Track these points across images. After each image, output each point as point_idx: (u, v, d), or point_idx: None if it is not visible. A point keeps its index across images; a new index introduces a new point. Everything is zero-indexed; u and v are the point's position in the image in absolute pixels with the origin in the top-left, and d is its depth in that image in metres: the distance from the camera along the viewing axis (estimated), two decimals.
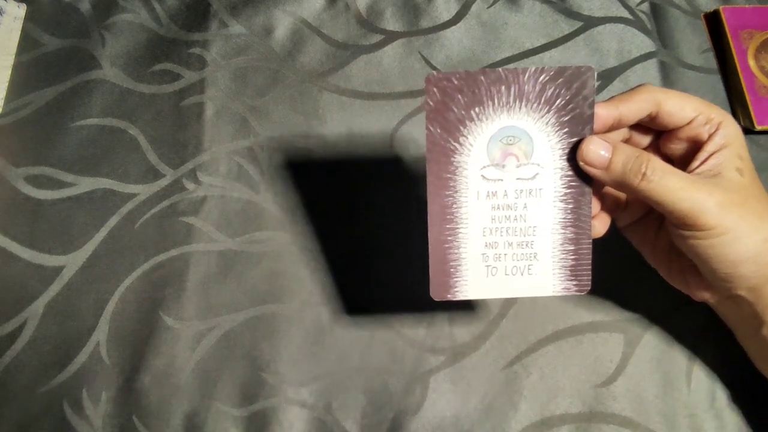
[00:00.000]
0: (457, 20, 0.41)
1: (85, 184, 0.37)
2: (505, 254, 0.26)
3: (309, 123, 0.38)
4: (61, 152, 0.38)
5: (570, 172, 0.25)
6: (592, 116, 0.24)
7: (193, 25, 0.41)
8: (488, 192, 0.25)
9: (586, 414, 0.32)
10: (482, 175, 0.25)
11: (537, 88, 0.24)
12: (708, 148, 0.25)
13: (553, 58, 0.40)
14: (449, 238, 0.26)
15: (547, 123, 0.25)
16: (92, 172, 0.37)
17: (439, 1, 0.41)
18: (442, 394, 0.33)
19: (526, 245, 0.26)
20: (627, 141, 0.28)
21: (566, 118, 0.24)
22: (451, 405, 0.32)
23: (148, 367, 0.33)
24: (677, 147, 0.27)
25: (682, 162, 0.27)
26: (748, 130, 0.38)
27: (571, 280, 0.26)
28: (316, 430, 0.32)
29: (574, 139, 0.25)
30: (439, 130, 0.25)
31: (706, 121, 0.25)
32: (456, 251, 0.26)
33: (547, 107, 0.24)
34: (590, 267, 0.26)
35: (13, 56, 0.40)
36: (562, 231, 0.26)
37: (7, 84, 0.39)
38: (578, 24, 0.41)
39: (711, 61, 0.40)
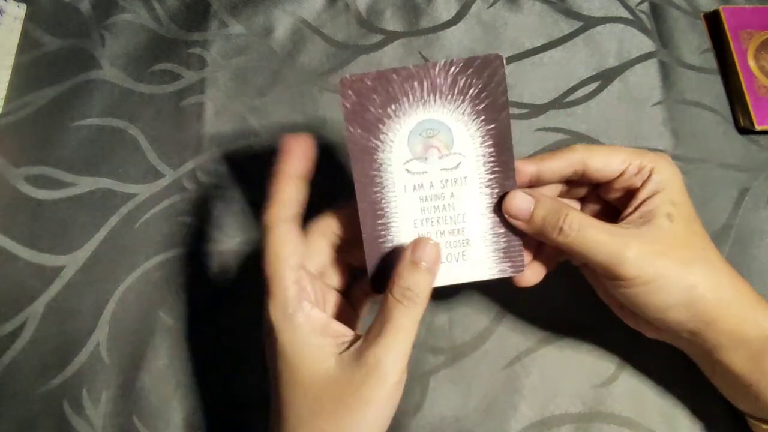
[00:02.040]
0: (457, 20, 0.41)
1: (85, 184, 0.37)
2: (438, 243, 0.26)
3: (309, 123, 0.38)
4: (61, 152, 0.38)
5: (492, 159, 0.26)
6: (506, 102, 0.25)
7: (193, 25, 0.41)
8: (414, 185, 0.26)
9: (586, 414, 0.32)
10: (407, 169, 0.26)
11: (449, 81, 0.25)
12: (640, 195, 0.26)
13: (553, 58, 0.40)
14: (382, 232, 0.26)
15: (463, 113, 0.25)
16: (92, 172, 0.37)
17: (439, 1, 0.41)
18: (442, 394, 0.33)
19: (458, 232, 0.26)
20: (565, 192, 0.29)
21: (481, 107, 0.25)
22: (451, 405, 0.32)
23: (148, 367, 0.33)
24: (614, 195, 0.28)
25: (624, 206, 0.27)
26: (748, 130, 0.38)
27: (506, 262, 0.27)
28: None
29: (492, 126, 0.25)
30: (359, 130, 0.25)
31: (638, 170, 0.26)
32: (390, 244, 0.26)
33: (461, 98, 0.25)
34: (522, 247, 0.27)
35: (13, 56, 0.40)
36: (491, 215, 0.26)
37: (7, 84, 0.39)
38: (578, 24, 0.41)
39: (711, 61, 0.40)
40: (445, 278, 0.27)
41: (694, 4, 0.41)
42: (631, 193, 0.27)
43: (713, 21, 0.41)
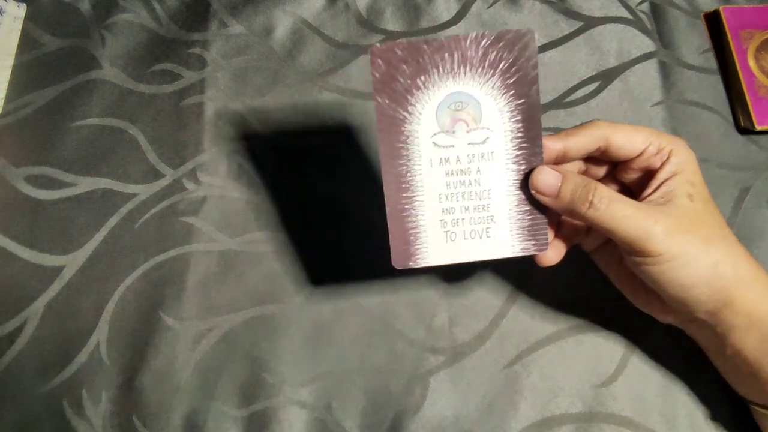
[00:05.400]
0: (457, 20, 0.41)
1: (85, 184, 0.37)
2: (462, 219, 0.26)
3: (309, 123, 0.38)
4: (61, 152, 0.38)
5: (520, 134, 0.25)
6: (536, 77, 0.25)
7: (193, 25, 0.41)
8: (441, 158, 0.26)
9: (586, 414, 0.32)
10: (434, 143, 0.25)
11: (480, 53, 0.24)
12: (660, 176, 0.26)
13: (553, 58, 0.40)
14: (406, 206, 0.26)
15: (492, 87, 0.25)
16: (92, 172, 0.37)
17: (439, 1, 0.41)
18: (442, 394, 0.33)
19: (483, 208, 0.26)
20: (584, 172, 0.29)
21: (511, 81, 0.25)
22: (451, 405, 0.32)
23: (148, 367, 0.33)
24: (632, 176, 0.28)
25: (639, 188, 0.27)
26: (748, 130, 0.38)
27: (529, 240, 0.26)
28: (316, 430, 0.32)
29: (521, 101, 0.25)
30: (387, 101, 0.25)
31: (657, 151, 0.26)
32: (414, 219, 0.26)
33: (492, 71, 0.25)
34: (547, 226, 0.26)
35: (13, 56, 0.40)
36: (517, 192, 0.26)
37: (7, 84, 0.39)
38: (578, 24, 0.41)
39: (711, 61, 0.40)
40: (469, 255, 0.26)
41: (694, 4, 0.41)
42: (648, 174, 0.27)
43: (713, 21, 0.41)
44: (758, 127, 0.37)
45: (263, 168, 0.37)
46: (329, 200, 0.37)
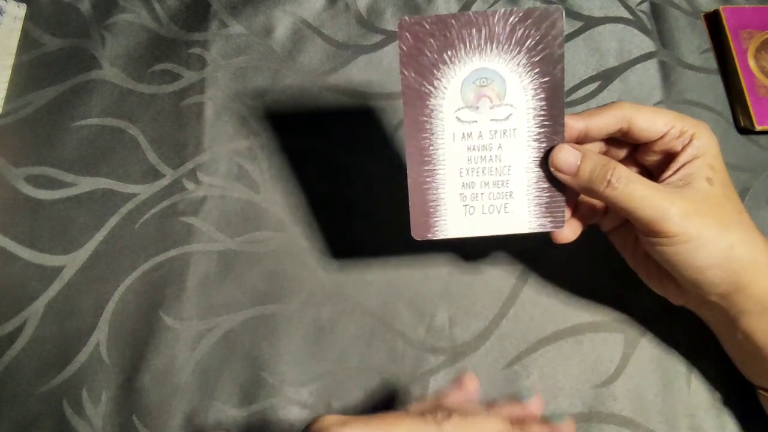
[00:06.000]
0: None
1: (85, 184, 0.37)
2: (481, 193, 0.27)
3: (309, 123, 0.38)
4: (61, 152, 0.38)
5: (542, 112, 0.26)
6: (562, 56, 0.25)
7: (193, 25, 0.41)
8: (464, 133, 0.26)
9: (586, 414, 0.32)
10: (457, 117, 0.26)
11: (507, 30, 0.25)
12: (680, 159, 0.26)
13: None
14: (428, 179, 0.26)
15: (518, 64, 0.25)
16: (92, 172, 0.37)
17: (439, 2, 0.41)
18: None
19: (502, 184, 0.26)
20: (604, 153, 0.29)
21: (537, 59, 0.25)
22: None
23: (148, 367, 0.33)
24: (653, 158, 0.28)
25: (659, 171, 0.27)
26: (748, 130, 0.38)
27: (546, 216, 0.27)
28: None
29: (546, 79, 0.25)
30: (413, 74, 0.25)
31: (679, 134, 0.26)
32: (434, 192, 0.27)
33: (518, 48, 0.25)
34: (564, 203, 0.27)
35: (13, 56, 0.40)
36: (537, 169, 0.26)
37: (7, 84, 0.39)
38: (578, 24, 0.41)
39: (711, 61, 0.40)
40: (486, 229, 0.27)
41: (694, 4, 0.41)
42: (668, 157, 0.27)
43: (713, 21, 0.41)
44: (758, 127, 0.37)
45: (263, 168, 0.37)
46: (329, 200, 0.37)
